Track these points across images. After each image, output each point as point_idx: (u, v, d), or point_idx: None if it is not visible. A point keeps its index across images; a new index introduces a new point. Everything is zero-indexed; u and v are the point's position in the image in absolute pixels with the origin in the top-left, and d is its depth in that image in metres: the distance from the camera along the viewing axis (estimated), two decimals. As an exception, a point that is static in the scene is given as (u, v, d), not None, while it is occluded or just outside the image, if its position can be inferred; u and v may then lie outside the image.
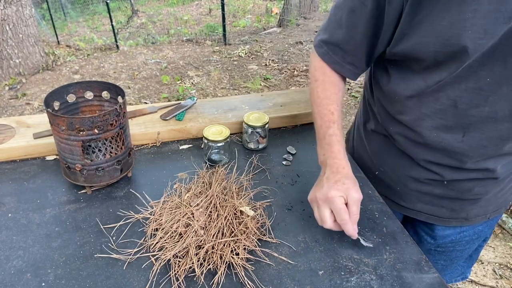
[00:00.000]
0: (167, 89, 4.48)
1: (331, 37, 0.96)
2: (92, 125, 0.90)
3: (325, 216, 0.84)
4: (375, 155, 1.14)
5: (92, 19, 9.67)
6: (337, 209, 0.82)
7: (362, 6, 0.87)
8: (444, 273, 1.26)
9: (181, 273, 0.79)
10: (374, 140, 1.13)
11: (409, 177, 1.04)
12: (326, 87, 0.98)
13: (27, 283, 0.78)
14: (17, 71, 4.73)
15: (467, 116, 0.85)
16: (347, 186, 0.84)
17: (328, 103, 0.96)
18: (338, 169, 0.87)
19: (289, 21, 7.01)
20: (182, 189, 1.00)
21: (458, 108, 0.85)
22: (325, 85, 0.98)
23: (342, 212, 0.82)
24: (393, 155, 1.06)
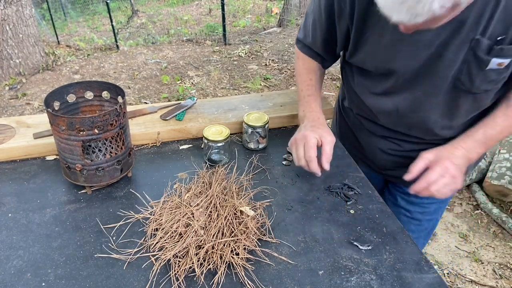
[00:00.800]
0: (167, 89, 4.48)
1: (303, 38, 1.19)
2: (92, 125, 0.90)
3: (300, 154, 1.01)
4: (351, 128, 1.31)
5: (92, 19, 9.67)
6: (307, 147, 1.00)
7: (320, 18, 1.08)
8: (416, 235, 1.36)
9: (181, 273, 0.79)
10: (349, 116, 1.31)
11: (377, 148, 1.22)
12: (306, 62, 1.21)
13: (27, 283, 0.78)
14: (17, 71, 4.73)
15: (407, 118, 1.06)
16: (321, 130, 1.03)
17: (307, 72, 1.19)
18: (314, 119, 1.08)
19: (289, 21, 7.01)
20: (182, 189, 1.00)
21: (400, 112, 1.05)
22: (305, 60, 1.21)
23: (310, 150, 1.00)
24: (363, 130, 1.24)
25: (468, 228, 2.55)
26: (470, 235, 2.49)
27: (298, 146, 1.03)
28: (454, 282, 2.17)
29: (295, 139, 1.05)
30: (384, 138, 1.18)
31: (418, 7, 0.65)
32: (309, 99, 1.14)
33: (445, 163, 0.94)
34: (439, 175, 0.94)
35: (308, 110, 1.12)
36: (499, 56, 0.85)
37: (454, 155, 0.97)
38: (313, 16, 1.12)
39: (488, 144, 0.99)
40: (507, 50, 0.84)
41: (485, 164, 2.83)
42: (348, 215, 0.98)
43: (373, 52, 1.00)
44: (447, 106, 0.99)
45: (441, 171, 0.94)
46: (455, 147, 0.99)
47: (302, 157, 1.01)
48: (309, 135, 1.01)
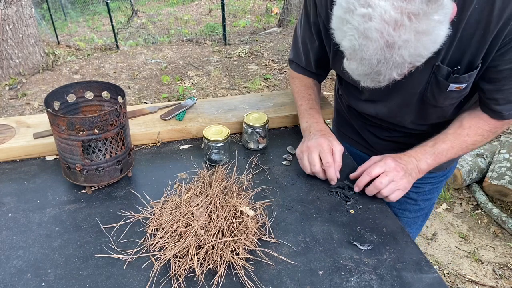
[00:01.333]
0: (167, 89, 4.48)
1: (296, 59, 1.25)
2: (92, 125, 0.90)
3: (315, 160, 1.04)
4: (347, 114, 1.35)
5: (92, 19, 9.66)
6: (325, 153, 1.03)
7: (312, 40, 1.14)
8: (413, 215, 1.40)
9: (181, 273, 0.79)
10: (344, 103, 1.35)
11: (372, 133, 1.28)
12: (302, 80, 1.26)
13: (27, 283, 0.78)
14: (17, 71, 4.73)
15: (387, 120, 1.16)
16: (332, 139, 1.07)
17: (306, 88, 1.24)
18: (321, 128, 1.12)
19: (289, 21, 7.01)
20: (182, 189, 1.00)
21: (380, 116, 1.16)
22: (300, 78, 1.27)
23: (328, 156, 1.03)
24: (357, 117, 1.30)
25: (468, 228, 2.55)
26: (470, 235, 2.49)
27: (312, 152, 1.05)
28: (454, 282, 2.17)
29: (308, 146, 1.06)
30: (376, 126, 1.24)
31: (380, 78, 0.75)
32: (311, 112, 1.18)
33: (387, 160, 1.01)
34: (380, 168, 0.99)
35: (312, 121, 1.15)
36: (456, 83, 0.93)
37: (400, 157, 1.03)
38: (302, 38, 1.17)
39: (437, 156, 1.04)
40: (462, 78, 0.92)
41: (485, 164, 2.83)
42: (348, 215, 0.98)
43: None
44: (418, 114, 1.09)
45: (383, 165, 1.00)
46: (404, 154, 1.05)
47: (317, 163, 1.04)
48: (324, 142, 1.05)
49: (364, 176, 1.00)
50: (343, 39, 0.73)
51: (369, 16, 0.66)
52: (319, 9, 1.03)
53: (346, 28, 0.71)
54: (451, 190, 2.84)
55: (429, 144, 1.05)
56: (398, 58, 0.69)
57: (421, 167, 1.03)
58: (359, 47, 0.70)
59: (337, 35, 0.75)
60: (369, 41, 0.68)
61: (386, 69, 0.72)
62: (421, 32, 0.67)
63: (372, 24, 0.66)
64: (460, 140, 1.03)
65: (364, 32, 0.68)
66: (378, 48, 0.68)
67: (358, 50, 0.70)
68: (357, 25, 0.68)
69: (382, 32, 0.66)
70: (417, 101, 1.04)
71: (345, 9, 0.70)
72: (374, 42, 0.68)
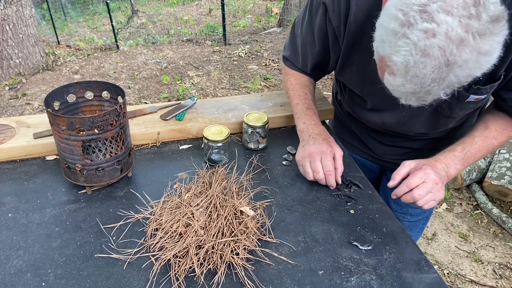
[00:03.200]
0: (167, 89, 4.47)
1: (292, 58, 1.21)
2: (92, 125, 0.90)
3: (319, 167, 1.02)
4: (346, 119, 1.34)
5: (92, 19, 9.66)
6: (326, 161, 1.01)
7: (313, 45, 1.10)
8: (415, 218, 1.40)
9: (181, 273, 0.79)
10: (343, 108, 1.34)
11: (373, 138, 1.27)
12: (297, 77, 1.22)
13: (27, 283, 0.78)
14: (17, 71, 4.73)
15: (394, 129, 1.15)
16: (333, 144, 1.05)
17: (301, 87, 1.19)
18: (320, 132, 1.08)
19: (289, 21, 7.01)
20: (182, 189, 1.00)
21: (386, 126, 1.14)
22: (295, 75, 1.22)
23: (329, 164, 1.02)
24: (357, 122, 1.28)
25: (468, 228, 2.55)
26: (470, 235, 2.49)
27: (314, 159, 1.02)
28: (454, 282, 2.17)
29: (310, 152, 1.03)
30: (378, 132, 1.22)
31: (427, 98, 0.71)
32: (308, 112, 1.14)
33: (427, 169, 0.97)
34: (419, 179, 0.95)
35: (310, 123, 1.11)
36: (476, 94, 0.91)
37: (435, 165, 1.00)
38: (302, 40, 1.13)
39: (466, 161, 1.03)
40: (483, 90, 0.90)
41: (485, 164, 2.83)
42: (348, 215, 0.98)
43: (358, 76, 1.06)
44: (429, 124, 1.08)
45: (423, 176, 0.95)
46: (435, 160, 1.02)
47: (321, 170, 1.01)
48: (326, 149, 1.03)
49: (403, 187, 0.97)
50: (394, 54, 0.68)
51: (433, 32, 0.62)
52: (331, 16, 0.99)
53: (401, 42, 0.65)
54: (451, 190, 2.84)
55: (458, 149, 1.02)
56: (453, 78, 0.66)
57: (451, 173, 1.02)
58: (415, 64, 0.65)
59: (386, 49, 0.70)
60: (428, 58, 0.64)
61: (437, 88, 0.68)
62: (482, 52, 0.64)
63: (435, 41, 0.62)
64: (487, 143, 1.02)
65: (424, 48, 0.63)
66: (436, 67, 0.64)
67: (413, 67, 0.66)
68: (417, 40, 0.63)
69: (444, 51, 0.62)
70: (430, 111, 1.01)
71: (402, 21, 0.65)
72: (433, 60, 0.64)
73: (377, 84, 0.99)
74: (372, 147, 1.30)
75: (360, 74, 1.04)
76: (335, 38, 1.02)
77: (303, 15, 1.11)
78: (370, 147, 1.30)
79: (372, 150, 1.31)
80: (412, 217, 1.37)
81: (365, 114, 1.17)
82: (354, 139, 1.34)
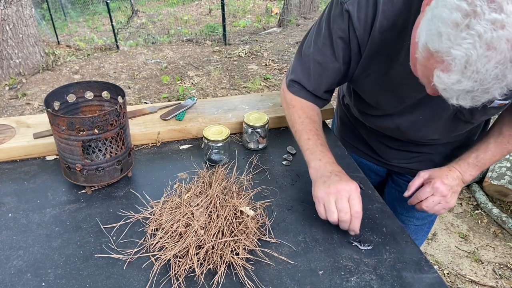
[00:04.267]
0: (167, 89, 4.48)
1: (302, 81, 1.09)
2: (92, 125, 0.90)
3: (346, 207, 0.89)
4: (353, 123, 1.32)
5: (92, 19, 9.66)
6: (355, 200, 0.89)
7: (332, 59, 1.00)
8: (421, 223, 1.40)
9: (181, 273, 0.79)
10: (350, 112, 1.31)
11: (381, 142, 1.25)
12: (305, 110, 1.10)
13: (27, 283, 0.78)
14: (17, 71, 4.73)
15: (408, 134, 1.11)
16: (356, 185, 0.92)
17: (311, 122, 1.07)
18: (341, 170, 0.97)
19: (289, 21, 7.01)
20: (182, 189, 1.00)
21: (401, 130, 1.10)
22: (303, 108, 1.10)
23: (358, 205, 0.89)
24: (365, 127, 1.26)
25: (468, 228, 2.55)
26: (470, 235, 2.49)
27: (342, 197, 0.89)
28: (454, 282, 2.17)
29: (338, 190, 0.90)
30: (387, 136, 1.20)
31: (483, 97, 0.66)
32: (323, 149, 1.03)
33: (436, 183, 1.02)
34: (428, 193, 1.02)
35: (328, 161, 0.99)
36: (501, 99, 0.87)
37: (447, 175, 1.03)
38: (316, 58, 1.03)
39: (480, 167, 1.05)
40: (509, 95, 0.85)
41: (485, 164, 2.83)
42: (348, 215, 0.98)
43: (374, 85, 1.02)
44: (446, 129, 1.06)
45: (430, 190, 1.02)
46: (449, 169, 1.05)
47: (348, 210, 0.89)
48: (355, 189, 0.91)
49: (414, 199, 1.06)
50: (454, 47, 0.62)
51: (502, 23, 0.57)
52: (355, 24, 0.92)
53: (464, 34, 0.60)
54: (451, 190, 2.84)
55: (472, 156, 1.04)
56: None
57: (465, 179, 1.05)
58: (477, 58, 0.60)
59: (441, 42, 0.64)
60: (493, 52, 0.59)
61: (497, 87, 0.63)
62: None
63: (504, 33, 0.57)
64: (501, 148, 1.03)
65: (490, 41, 0.58)
66: (501, 62, 0.59)
67: (474, 61, 0.60)
68: (483, 32, 0.58)
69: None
70: (449, 116, 0.99)
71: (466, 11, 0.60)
72: (499, 54, 0.59)
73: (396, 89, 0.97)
74: (379, 151, 1.28)
75: (377, 83, 1.01)
76: (358, 48, 0.96)
77: (316, 33, 1.03)
78: (377, 151, 1.28)
79: (379, 154, 1.29)
80: (418, 220, 1.37)
81: (375, 120, 1.14)
82: (360, 143, 1.32)
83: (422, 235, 1.43)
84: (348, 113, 1.33)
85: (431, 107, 0.98)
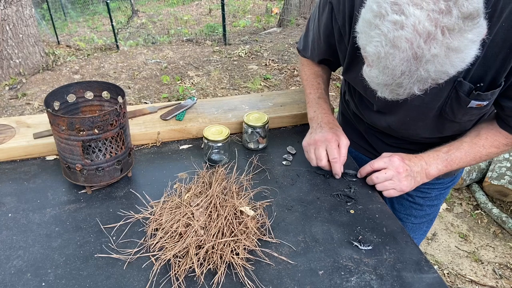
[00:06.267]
0: (167, 89, 4.48)
1: (304, 50, 1.23)
2: (92, 125, 0.90)
3: (322, 155, 1.05)
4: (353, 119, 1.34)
5: (92, 19, 9.66)
6: (332, 149, 1.04)
7: (319, 41, 1.11)
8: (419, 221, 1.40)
9: (181, 273, 0.79)
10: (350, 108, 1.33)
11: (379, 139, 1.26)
12: (311, 67, 1.25)
13: (27, 283, 0.78)
14: (17, 71, 4.73)
15: (399, 132, 1.14)
16: (339, 133, 1.07)
17: (315, 76, 1.22)
18: (329, 120, 1.11)
19: (289, 21, 7.01)
20: (182, 189, 1.00)
21: (392, 129, 1.13)
22: (310, 65, 1.25)
23: (335, 152, 1.04)
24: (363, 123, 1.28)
25: (468, 228, 2.55)
26: (470, 235, 2.49)
27: (319, 147, 1.05)
28: (454, 282, 2.17)
29: (315, 140, 1.06)
30: (384, 133, 1.21)
31: (399, 91, 0.72)
32: (319, 101, 1.17)
33: (393, 157, 1.01)
34: (383, 163, 1.01)
35: (320, 112, 1.14)
36: (477, 100, 0.90)
37: (410, 158, 1.02)
38: (312, 35, 1.15)
39: (449, 163, 1.02)
40: (484, 96, 0.89)
41: (485, 164, 2.83)
42: (348, 215, 0.98)
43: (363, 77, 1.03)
44: (434, 128, 1.06)
45: (386, 161, 1.01)
46: (415, 155, 1.04)
47: (324, 157, 1.04)
48: (331, 137, 1.05)
49: (367, 166, 1.04)
50: (368, 44, 0.69)
51: (401, 24, 0.63)
52: (336, 14, 0.99)
53: (374, 33, 0.67)
54: (451, 190, 2.84)
55: (443, 150, 1.03)
56: (423, 72, 0.66)
57: (430, 172, 1.02)
58: (385, 55, 0.66)
59: (362, 39, 0.72)
60: (396, 50, 0.65)
61: (408, 82, 0.69)
62: (452, 49, 0.64)
63: (403, 33, 0.63)
64: (475, 150, 1.01)
65: (393, 40, 0.64)
66: (404, 59, 0.65)
67: (383, 58, 0.67)
68: (387, 32, 0.65)
69: (412, 43, 0.63)
70: (434, 115, 1.01)
71: (375, 13, 0.66)
72: (401, 52, 0.65)
73: None
74: (377, 148, 1.29)
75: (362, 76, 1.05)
76: (340, 37, 1.02)
77: (315, 11, 1.11)
78: (375, 147, 1.30)
79: (378, 150, 1.29)
80: (416, 219, 1.36)
81: (371, 116, 1.16)
82: (360, 138, 1.34)
83: (420, 233, 1.43)
84: (348, 109, 1.35)
85: (417, 108, 0.99)
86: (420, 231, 1.42)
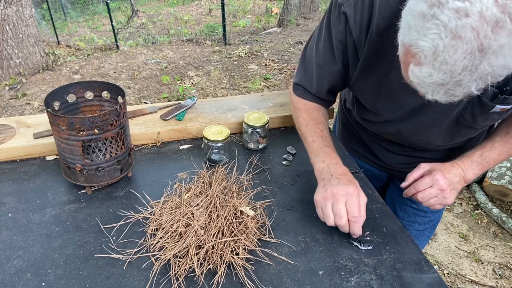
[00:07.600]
0: (167, 89, 4.48)
1: (304, 84, 1.11)
2: (92, 125, 0.90)
3: (342, 211, 0.87)
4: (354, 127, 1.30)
5: (92, 19, 9.66)
6: (353, 205, 0.87)
7: (332, 62, 1.01)
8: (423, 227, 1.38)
9: (181, 273, 0.79)
10: (352, 116, 1.30)
11: (383, 147, 1.23)
12: (310, 112, 1.11)
13: (27, 283, 0.78)
14: (17, 71, 4.73)
15: (410, 139, 1.10)
16: (358, 188, 0.92)
17: (316, 123, 1.08)
18: (343, 172, 0.95)
19: (289, 21, 7.01)
20: (182, 189, 1.00)
21: (402, 135, 1.08)
22: (308, 111, 1.11)
23: (356, 210, 0.87)
24: (366, 131, 1.24)
25: (468, 228, 2.55)
26: (470, 235, 2.49)
27: (338, 201, 0.88)
28: (454, 282, 2.17)
29: (333, 193, 0.89)
30: (389, 140, 1.18)
31: (457, 91, 0.64)
32: (327, 150, 1.02)
33: (437, 175, 0.96)
34: (426, 184, 0.97)
35: (331, 162, 0.99)
36: (503, 104, 0.86)
37: (449, 170, 0.99)
38: (318, 61, 1.04)
39: (484, 166, 1.01)
40: (510, 99, 0.85)
41: (485, 164, 2.83)
42: (348, 215, 0.98)
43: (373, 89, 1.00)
44: (449, 135, 1.03)
45: (430, 181, 0.96)
46: (452, 165, 1.01)
47: (344, 214, 0.88)
48: (353, 191, 0.89)
49: (411, 189, 1.00)
50: (421, 38, 0.61)
51: (465, 11, 0.56)
52: (351, 26, 0.91)
53: (430, 24, 0.59)
54: (451, 190, 2.84)
55: (476, 154, 1.00)
56: (487, 67, 0.59)
57: (467, 178, 1.00)
58: (444, 48, 0.59)
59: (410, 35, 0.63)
60: (459, 41, 0.57)
61: (468, 79, 0.61)
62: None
63: (468, 21, 0.56)
64: (508, 147, 1.00)
65: (455, 30, 0.57)
66: (468, 52, 0.58)
67: (442, 52, 0.59)
68: (447, 21, 0.57)
69: (478, 33, 0.56)
70: (451, 121, 0.96)
71: (431, 2, 0.59)
72: (465, 43, 0.57)
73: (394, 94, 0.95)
74: (381, 156, 1.26)
75: (375, 86, 0.99)
76: (354, 51, 0.96)
77: (318, 35, 1.04)
78: (378, 155, 1.26)
79: (381, 158, 1.27)
80: (419, 225, 1.35)
81: (376, 126, 1.12)
82: (362, 147, 1.31)
83: (423, 239, 1.42)
84: (349, 117, 1.32)
85: (432, 113, 0.96)
86: (423, 237, 1.40)
